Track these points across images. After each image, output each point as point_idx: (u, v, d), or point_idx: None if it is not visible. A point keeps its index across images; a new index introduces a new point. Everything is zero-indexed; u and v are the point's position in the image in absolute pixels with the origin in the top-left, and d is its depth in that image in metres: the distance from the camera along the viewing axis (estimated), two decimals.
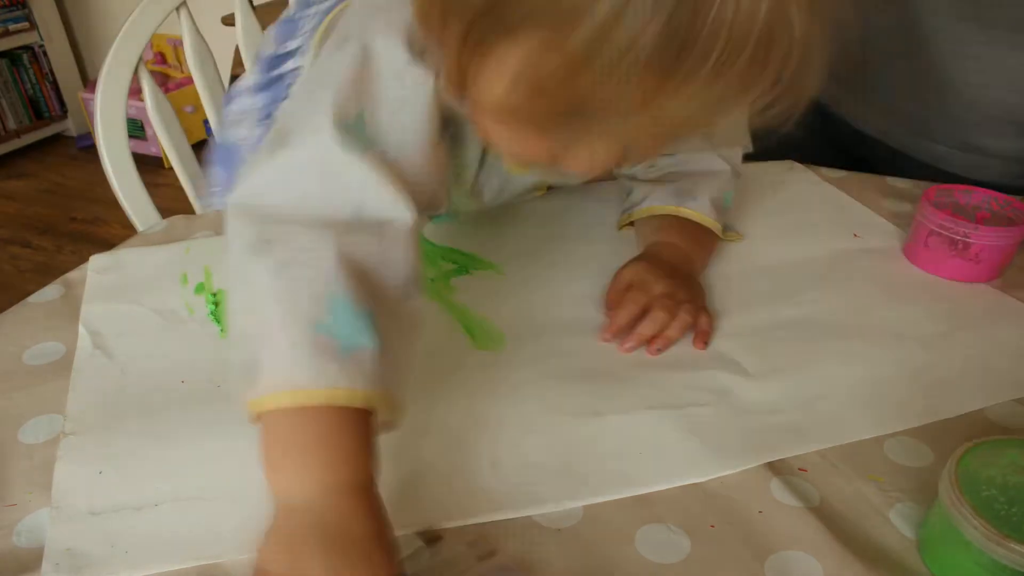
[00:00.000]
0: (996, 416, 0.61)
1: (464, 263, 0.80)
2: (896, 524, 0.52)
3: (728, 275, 0.79)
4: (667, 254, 0.76)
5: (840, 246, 0.84)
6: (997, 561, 0.44)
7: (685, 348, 0.68)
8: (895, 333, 0.70)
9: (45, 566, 0.49)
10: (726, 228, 0.83)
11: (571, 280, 0.78)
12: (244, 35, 1.13)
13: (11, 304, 0.73)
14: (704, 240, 0.79)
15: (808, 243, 0.85)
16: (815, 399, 0.63)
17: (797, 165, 1.02)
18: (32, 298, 0.75)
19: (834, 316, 0.72)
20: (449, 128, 0.63)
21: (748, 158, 0.87)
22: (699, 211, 0.79)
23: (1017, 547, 0.43)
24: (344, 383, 0.46)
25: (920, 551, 0.50)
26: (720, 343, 0.69)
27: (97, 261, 0.80)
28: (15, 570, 0.49)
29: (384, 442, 0.50)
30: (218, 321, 0.72)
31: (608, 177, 0.89)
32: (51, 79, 3.19)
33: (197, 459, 0.57)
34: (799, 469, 0.56)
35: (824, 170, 1.01)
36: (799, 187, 0.97)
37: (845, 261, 0.82)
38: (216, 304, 0.74)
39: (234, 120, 0.95)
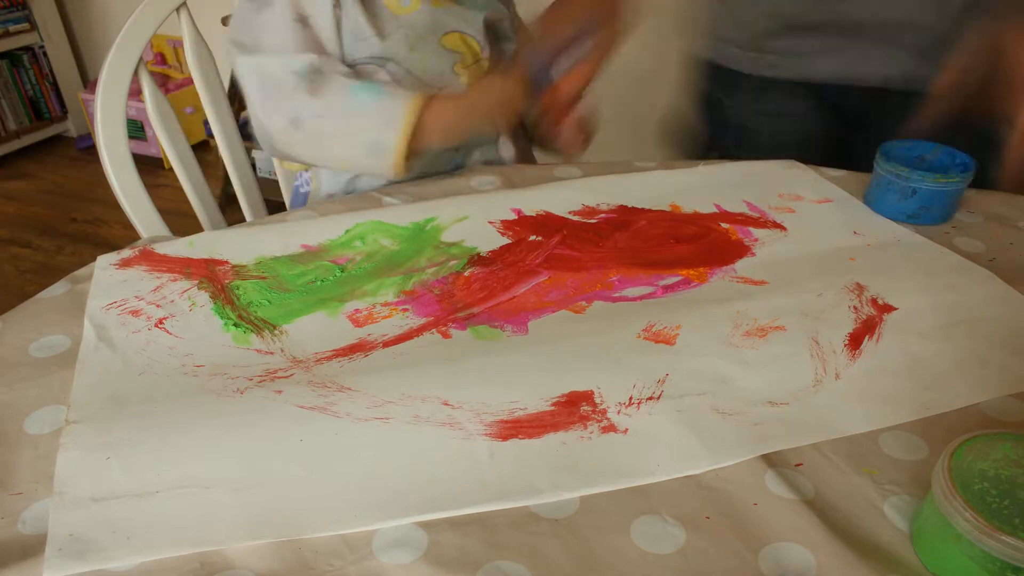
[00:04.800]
0: (991, 410, 0.62)
1: (464, 257, 0.81)
2: (890, 517, 0.53)
3: (728, 268, 0.80)
4: None
5: (840, 242, 0.85)
6: (988, 554, 0.45)
7: (687, 335, 0.69)
8: (894, 326, 0.71)
9: (48, 551, 0.49)
10: None
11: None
12: None
13: (11, 304, 0.74)
14: None
15: (808, 238, 0.86)
16: (812, 391, 0.63)
17: (798, 164, 1.03)
18: (40, 295, 0.76)
19: (834, 309, 0.73)
20: None
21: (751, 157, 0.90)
22: None
23: (1008, 540, 0.44)
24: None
25: (913, 543, 0.51)
26: (721, 331, 0.70)
27: (104, 260, 0.81)
28: (20, 556, 0.49)
29: (379, 430, 0.59)
30: (220, 316, 0.72)
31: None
32: (51, 80, 3.19)
33: (198, 448, 0.57)
34: (795, 464, 0.57)
35: (824, 169, 1.02)
36: (799, 184, 0.98)
37: (845, 256, 0.82)
38: (221, 305, 0.74)
39: None
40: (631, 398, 0.62)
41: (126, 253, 0.82)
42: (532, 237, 0.85)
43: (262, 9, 0.94)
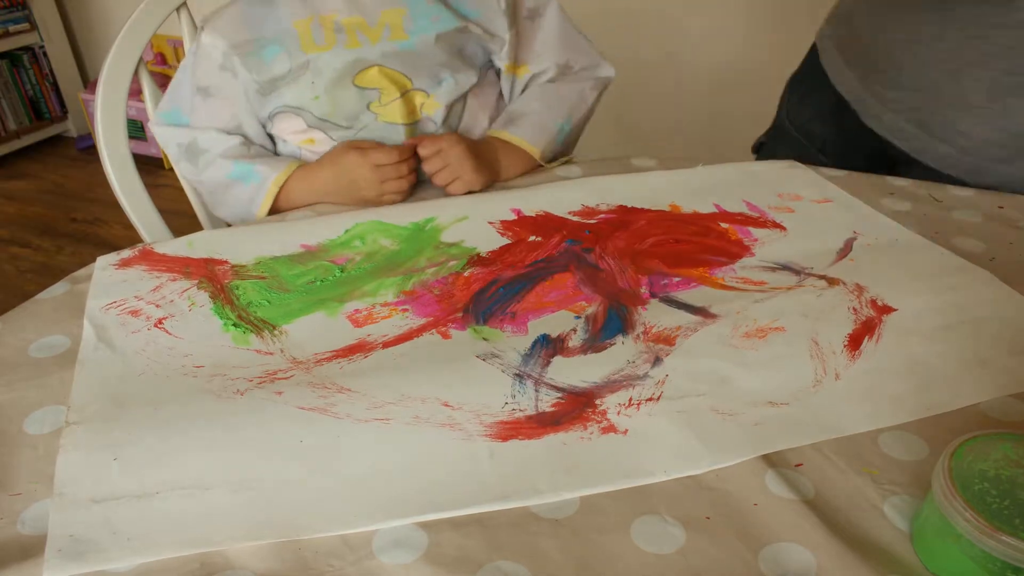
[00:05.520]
0: (991, 410, 0.62)
1: (464, 257, 0.81)
2: (890, 517, 0.53)
3: (728, 268, 0.80)
4: (483, 144, 1.00)
5: (840, 243, 0.85)
6: (988, 554, 0.45)
7: (687, 336, 0.69)
8: (894, 327, 0.71)
9: (48, 552, 0.49)
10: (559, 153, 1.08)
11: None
12: None
13: (11, 304, 0.74)
14: (520, 157, 1.02)
15: (808, 239, 0.86)
16: (812, 391, 0.63)
17: (798, 164, 1.03)
18: (40, 295, 0.76)
19: (833, 310, 0.73)
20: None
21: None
22: (518, 136, 1.02)
23: (1008, 540, 0.44)
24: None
25: (913, 543, 0.51)
26: (720, 332, 0.70)
27: (104, 260, 0.81)
28: (20, 557, 0.49)
29: (381, 432, 0.59)
30: (220, 316, 0.72)
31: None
32: (51, 80, 3.18)
33: (197, 448, 0.57)
34: (795, 464, 0.57)
35: (824, 169, 1.02)
36: (799, 184, 0.98)
37: (845, 257, 0.82)
38: (220, 305, 0.74)
39: None
40: (631, 399, 0.62)
41: (126, 253, 0.82)
42: (532, 237, 0.85)
43: (184, 77, 1.00)
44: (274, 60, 0.96)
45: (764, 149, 1.32)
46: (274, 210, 0.98)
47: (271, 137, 1.03)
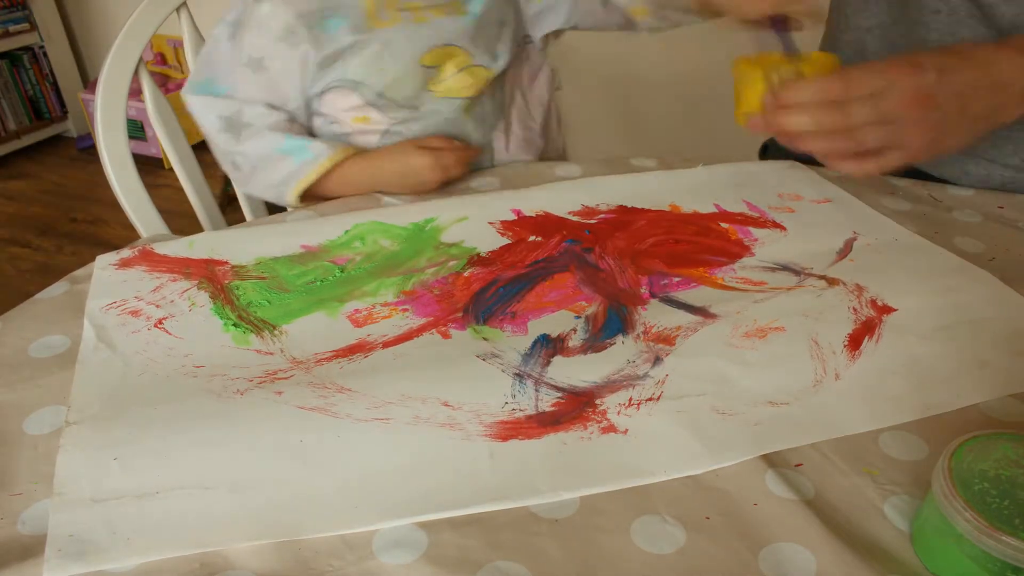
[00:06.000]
0: (991, 411, 0.62)
1: (464, 257, 0.81)
2: (890, 517, 0.53)
3: (728, 268, 0.80)
4: None
5: (840, 243, 0.85)
6: (988, 554, 0.45)
7: (687, 336, 0.69)
8: (894, 327, 0.71)
9: (48, 552, 0.49)
10: None
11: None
12: None
13: (11, 304, 0.74)
14: None
15: (808, 239, 0.86)
16: (812, 391, 0.63)
17: (798, 164, 1.03)
18: (40, 295, 0.76)
19: (833, 310, 0.73)
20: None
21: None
22: None
23: (1008, 540, 0.44)
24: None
25: (913, 544, 0.51)
26: (720, 332, 0.70)
27: (103, 260, 0.81)
28: (20, 556, 0.49)
29: (381, 432, 0.58)
30: (220, 316, 0.72)
31: None
32: (51, 80, 3.19)
33: (197, 448, 0.57)
34: (795, 464, 0.57)
35: (824, 169, 1.02)
36: (799, 184, 0.98)
37: (845, 257, 0.82)
38: (220, 305, 0.74)
39: None
40: (631, 399, 0.62)
41: (125, 253, 0.82)
42: (532, 237, 0.85)
43: (219, 47, 0.97)
44: (338, 31, 0.95)
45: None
46: (320, 193, 0.97)
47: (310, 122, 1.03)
